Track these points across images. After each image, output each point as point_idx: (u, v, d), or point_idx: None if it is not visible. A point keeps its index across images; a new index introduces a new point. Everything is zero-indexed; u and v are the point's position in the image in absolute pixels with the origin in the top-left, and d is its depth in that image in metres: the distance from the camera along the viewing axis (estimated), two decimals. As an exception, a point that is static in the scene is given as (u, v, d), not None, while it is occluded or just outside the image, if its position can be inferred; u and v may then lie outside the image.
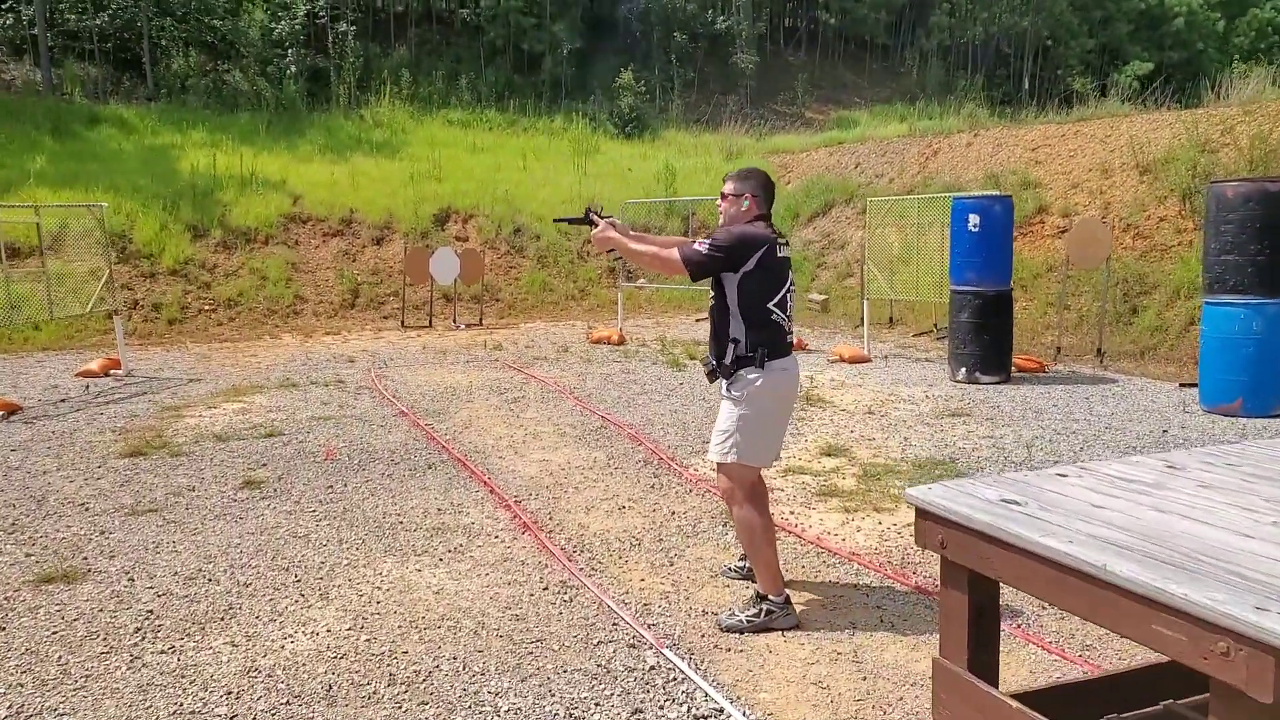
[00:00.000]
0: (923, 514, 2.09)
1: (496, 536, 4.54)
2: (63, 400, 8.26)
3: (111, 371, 9.57)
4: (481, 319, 14.21)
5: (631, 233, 3.80)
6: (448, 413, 7.63)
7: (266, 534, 4.58)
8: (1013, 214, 8.76)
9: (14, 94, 21.30)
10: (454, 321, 13.93)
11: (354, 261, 15.41)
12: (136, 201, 14.74)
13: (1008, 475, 2.27)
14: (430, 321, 13.92)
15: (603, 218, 3.75)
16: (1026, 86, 33.31)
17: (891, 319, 13.10)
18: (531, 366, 10.03)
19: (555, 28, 29.12)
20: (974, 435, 6.55)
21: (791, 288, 3.53)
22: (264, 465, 5.95)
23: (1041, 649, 3.33)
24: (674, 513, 4.91)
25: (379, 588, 3.91)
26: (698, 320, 14.57)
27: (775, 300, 3.45)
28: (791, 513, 4.85)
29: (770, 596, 3.50)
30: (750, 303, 3.42)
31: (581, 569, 4.08)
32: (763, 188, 3.57)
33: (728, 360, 3.48)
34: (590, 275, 16.93)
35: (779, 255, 3.46)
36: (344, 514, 4.93)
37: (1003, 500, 2.01)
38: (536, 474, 5.74)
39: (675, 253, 3.47)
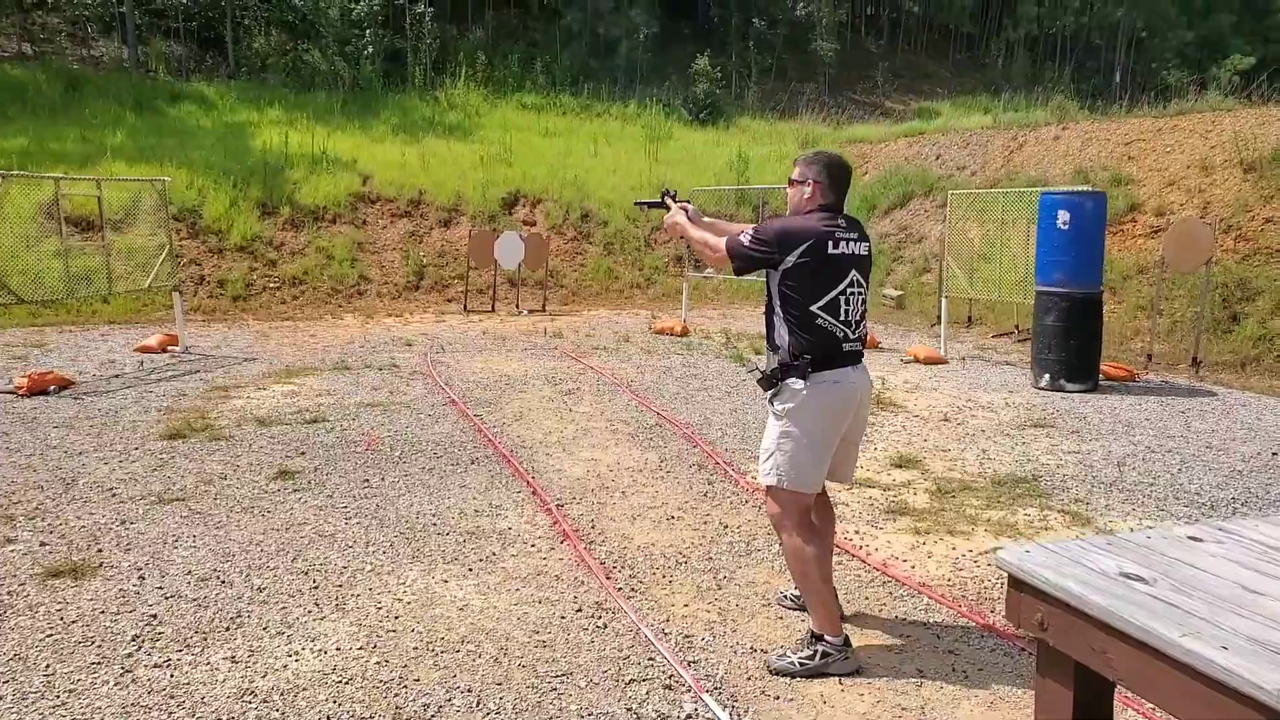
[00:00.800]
0: (1018, 584, 1.68)
1: (533, 545, 4.22)
2: (116, 376, 8.24)
3: (169, 348, 9.57)
4: (545, 305, 13.98)
5: (704, 219, 3.54)
6: (499, 403, 7.36)
7: (292, 531, 4.35)
8: (1105, 211, 8.07)
9: (101, 70, 21.83)
10: (516, 307, 13.72)
11: (420, 243, 15.31)
12: (208, 178, 14.87)
13: (1127, 537, 1.83)
14: (493, 306, 13.73)
15: (677, 203, 3.53)
16: (1118, 80, 31.69)
17: (970, 318, 12.42)
18: (590, 356, 9.72)
19: (632, 12, 28.71)
20: (1058, 450, 6.00)
21: (852, 289, 3.07)
22: (302, 454, 5.75)
23: None
24: (726, 526, 4.52)
25: (400, 599, 3.63)
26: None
27: (823, 303, 3.03)
28: (856, 532, 4.42)
29: (827, 637, 3.10)
30: (793, 304, 3.06)
31: (620, 589, 3.73)
32: (828, 173, 3.15)
33: (771, 368, 3.15)
34: (656, 264, 16.56)
35: (831, 251, 3.02)
36: (376, 511, 4.68)
37: (1124, 575, 1.59)
38: (583, 474, 5.41)
39: (723, 242, 3.18)
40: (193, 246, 13.81)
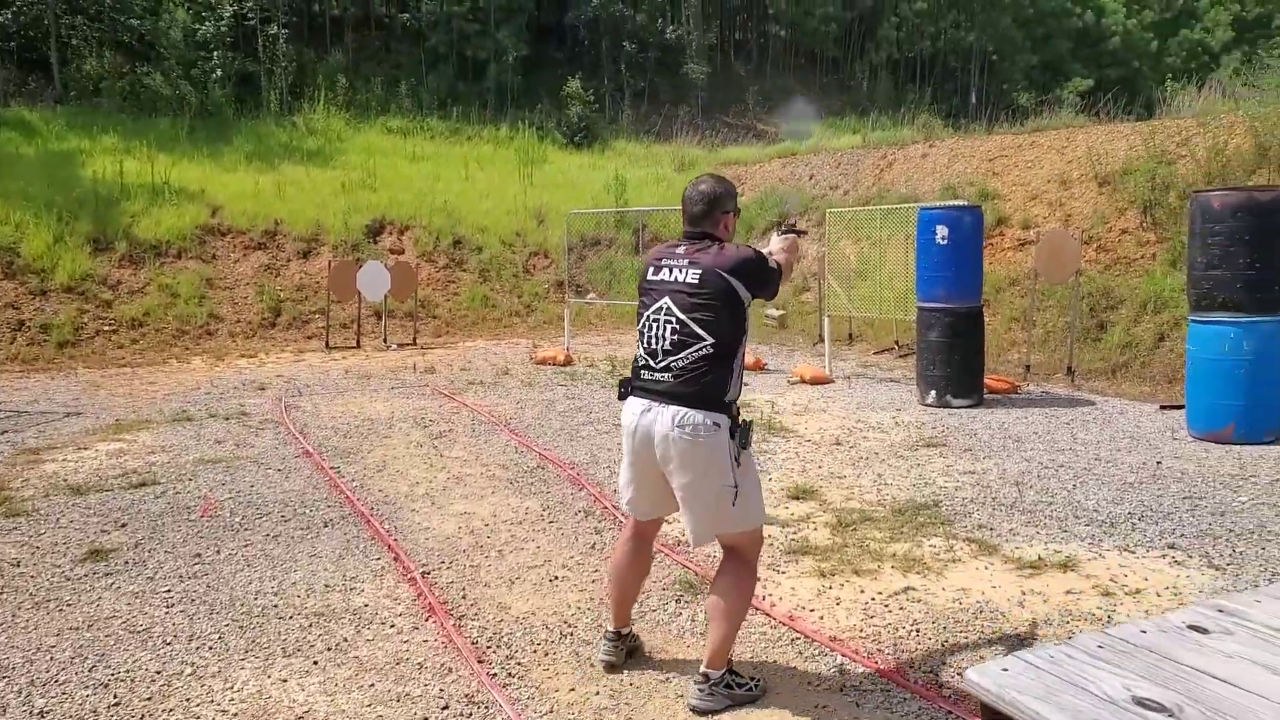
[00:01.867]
0: (995, 717, 1.26)
1: (393, 625, 3.62)
2: (-91, 440, 7.11)
3: (-21, 403, 8.41)
4: (415, 338, 13.21)
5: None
6: (360, 451, 6.67)
7: (95, 629, 3.61)
8: (982, 225, 8.09)
9: (-93, 96, 19.73)
10: (384, 341, 12.91)
11: (277, 277, 14.29)
12: (27, 211, 13.46)
13: (1121, 635, 1.45)
14: (358, 342, 12.88)
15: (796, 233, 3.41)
16: (974, 100, 33.30)
17: (851, 336, 12.42)
18: (465, 392, 9.10)
19: (500, 34, 28.18)
20: (954, 470, 5.80)
21: (659, 315, 2.99)
22: (122, 526, 4.94)
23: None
24: (615, 584, 4.03)
25: (225, 710, 2.98)
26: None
27: (639, 326, 3.10)
28: (758, 580, 4.00)
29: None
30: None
31: (495, 674, 3.19)
32: (694, 201, 3.13)
33: None
34: (536, 290, 16.04)
35: (650, 277, 3.09)
36: (206, 594, 3.97)
37: (1139, 703, 1.19)
38: (454, 532, 4.83)
39: None
40: (9, 288, 12.44)
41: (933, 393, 7.84)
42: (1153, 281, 9.63)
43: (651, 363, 2.99)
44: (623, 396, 3.13)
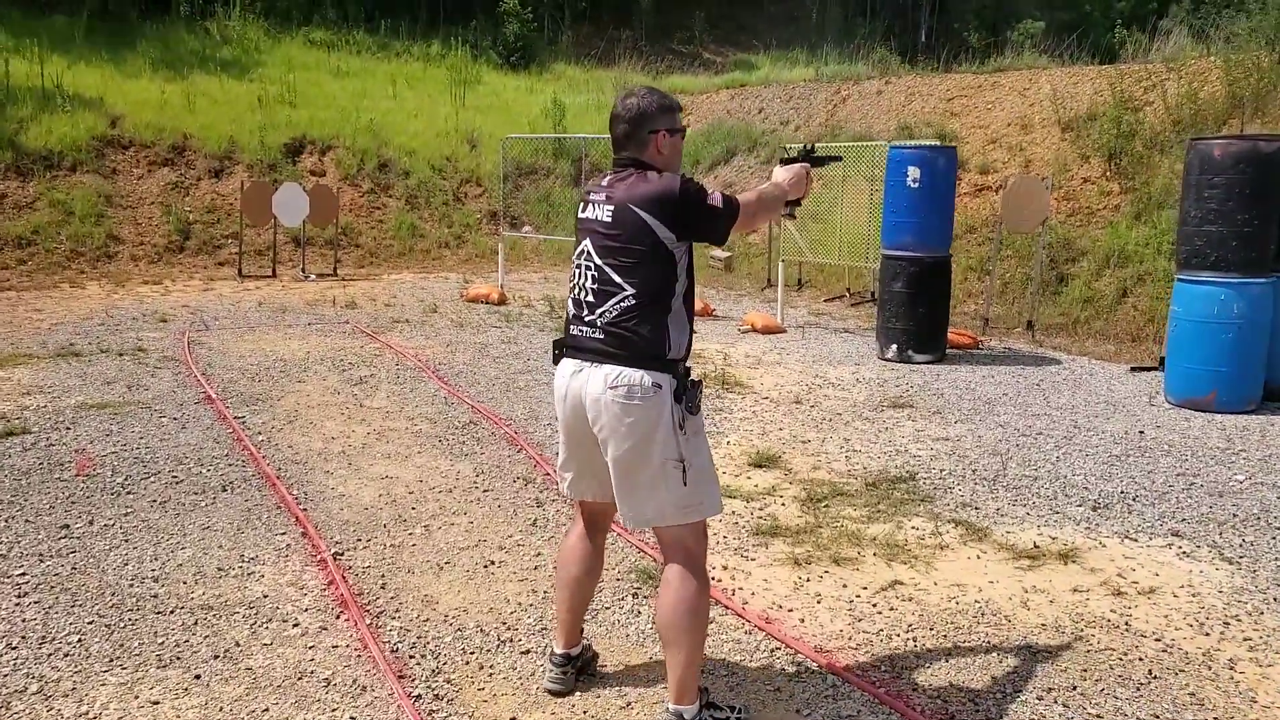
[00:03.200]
0: None
1: (296, 624, 3.03)
2: None
3: None
4: (336, 268, 12.31)
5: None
6: (270, 397, 5.96)
7: (-80, 629, 2.94)
8: (955, 169, 7.60)
9: None
10: (302, 271, 11.99)
11: (185, 197, 13.14)
12: (-102, 113, 12.02)
13: None
14: (274, 270, 11.92)
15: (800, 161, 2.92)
16: (923, 39, 32.75)
17: (800, 282, 11.95)
18: (389, 332, 8.37)
19: (433, -57, 26.43)
20: (925, 436, 5.39)
21: (583, 260, 2.48)
22: (-20, 486, 4.21)
23: None
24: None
25: (73, 748, 2.37)
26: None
27: (573, 268, 2.56)
28: (724, 567, 3.52)
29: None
30: None
31: (419, 696, 2.64)
32: (617, 121, 2.52)
33: None
34: (468, 220, 15.16)
35: (580, 214, 2.55)
36: (69, 579, 3.31)
37: None
38: (373, 501, 4.22)
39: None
40: (-121, 198, 11.12)
41: (894, 347, 7.43)
42: (1116, 234, 9.34)
43: (581, 315, 2.49)
44: (557, 360, 2.59)
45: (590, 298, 2.45)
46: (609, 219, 2.42)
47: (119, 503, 4.07)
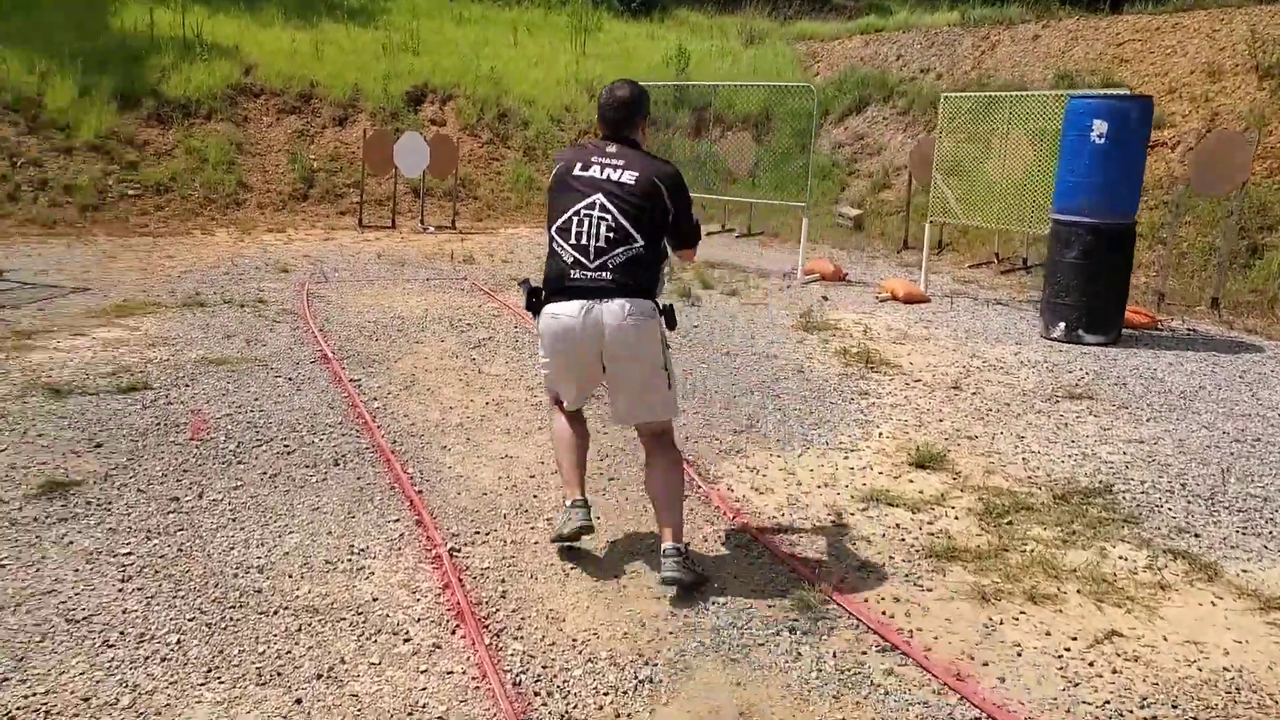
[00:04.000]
0: None
1: (408, 639, 2.69)
2: (-114, 315, 6.29)
3: (-24, 273, 7.57)
4: (454, 220, 12.11)
5: None
6: (387, 360, 5.71)
7: (24, 611, 2.72)
8: (1150, 122, 6.65)
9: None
10: (420, 223, 11.84)
11: (311, 144, 13.16)
12: (53, 60, 12.36)
13: None
14: (393, 221, 11.81)
15: None
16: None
17: (941, 244, 11.07)
18: (507, 290, 8.06)
19: (558, -115, 25.76)
20: (1114, 437, 4.68)
21: (591, 211, 2.94)
22: (97, 446, 4.06)
23: None
24: (709, 590, 3.06)
25: (160, 786, 2.08)
26: (708, 234, 12.53)
27: (557, 225, 3.03)
28: (896, 599, 2.99)
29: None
30: (548, 228, 3.09)
31: (545, 743, 2.25)
32: (598, 112, 3.21)
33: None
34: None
35: (578, 173, 3.01)
36: (175, 563, 3.07)
37: None
38: (492, 484, 3.87)
39: None
40: (32, 144, 11.47)
41: (1061, 325, 6.63)
42: (1322, 201, 8.16)
43: (585, 261, 2.94)
44: (536, 305, 3.08)
45: (601, 244, 2.92)
46: (632, 182, 2.95)
47: (229, 474, 3.85)
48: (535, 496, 3.75)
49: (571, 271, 2.94)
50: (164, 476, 3.78)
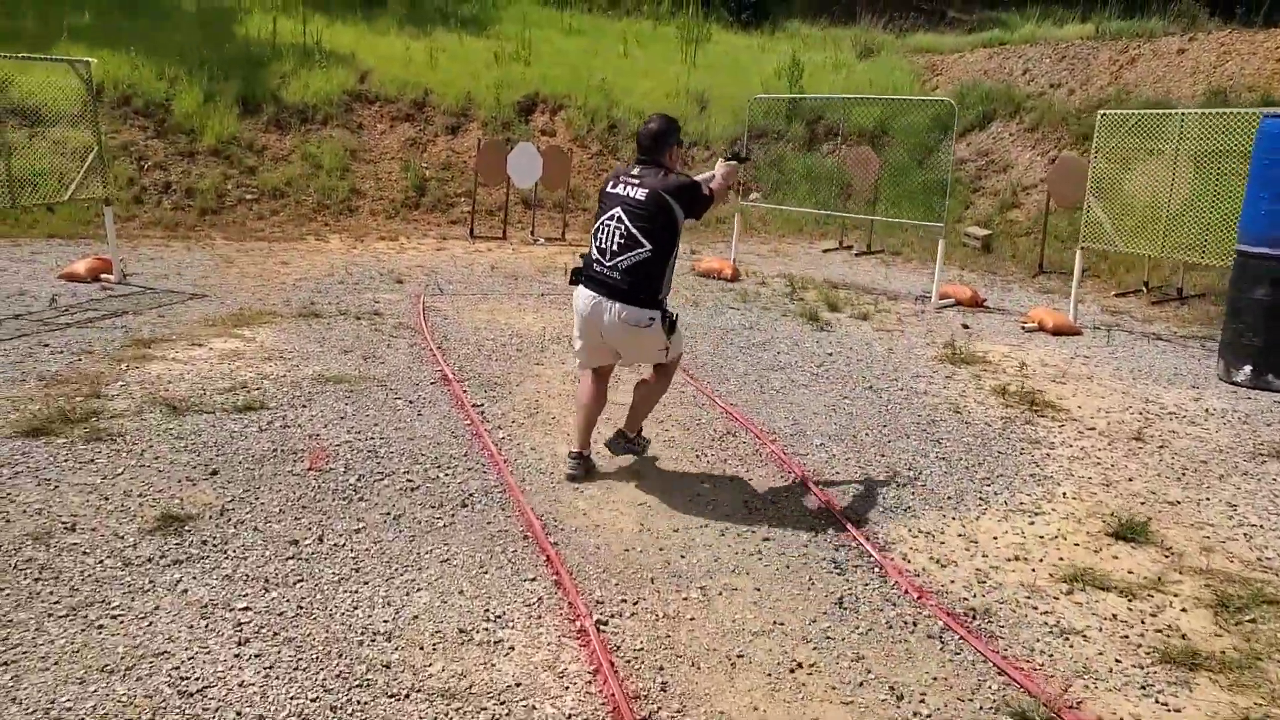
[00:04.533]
0: None
1: (558, 735, 2.30)
2: (16, 317, 6.30)
3: (101, 276, 7.61)
4: (564, 232, 11.87)
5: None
6: (509, 383, 5.40)
7: (131, 678, 2.44)
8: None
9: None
10: (531, 234, 11.63)
11: (423, 152, 13.14)
12: (181, 67, 12.66)
13: None
14: (504, 232, 11.64)
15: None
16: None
17: (1083, 270, 10.25)
18: (624, 308, 7.70)
19: (670, -105, 25.55)
20: (1337, 507, 4.01)
21: (610, 222, 3.66)
22: (214, 473, 3.83)
23: None
24: (894, 687, 2.59)
25: None
26: (825, 251, 11.98)
27: (594, 229, 3.78)
28: (1132, 713, 2.46)
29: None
30: None
31: None
32: (644, 138, 3.78)
33: None
34: (696, 186, 14.30)
35: (609, 189, 3.76)
36: (294, 623, 2.77)
37: None
38: (632, 536, 3.48)
39: None
40: (158, 148, 11.73)
41: (1246, 369, 5.90)
42: None
43: (603, 259, 3.64)
44: (574, 282, 3.77)
45: (615, 248, 3.60)
46: (642, 198, 3.59)
47: (350, 512, 3.55)
48: (683, 556, 3.34)
49: (594, 265, 3.70)
50: (281, 513, 3.51)
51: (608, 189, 3.73)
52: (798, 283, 9.21)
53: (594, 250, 3.68)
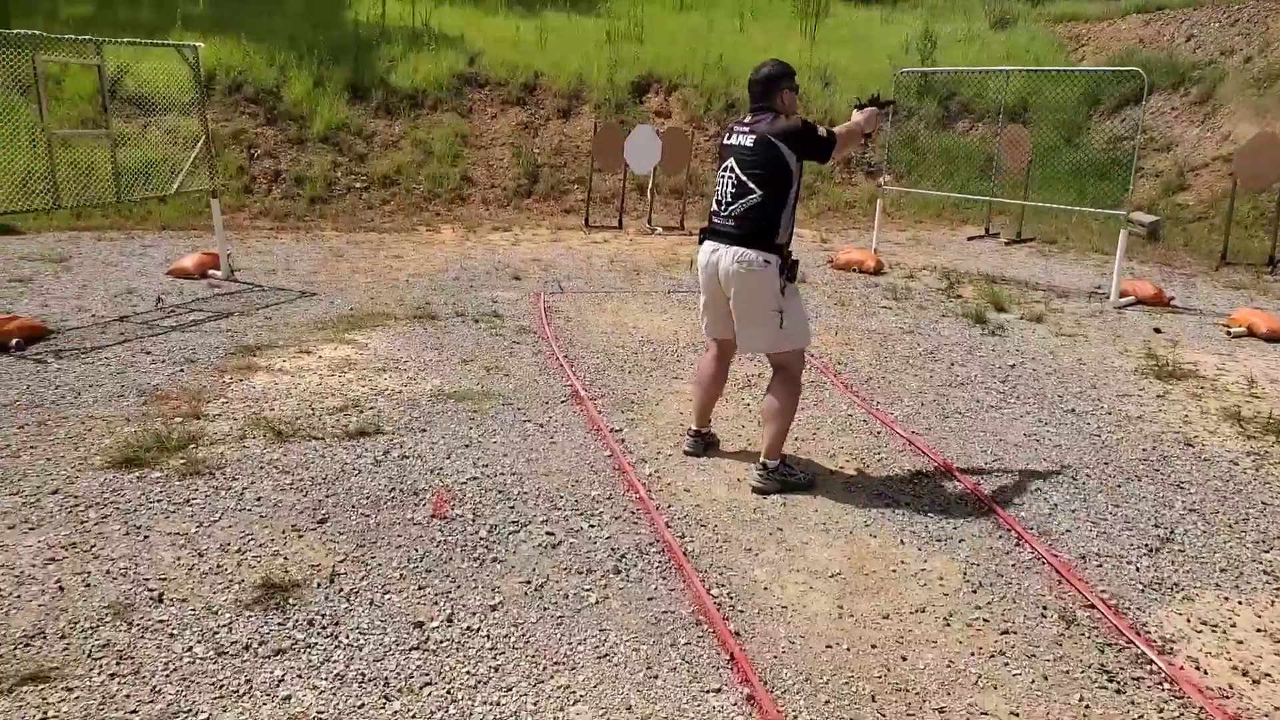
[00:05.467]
0: None
1: None
2: (123, 319, 5.96)
3: (210, 272, 7.27)
4: (683, 220, 11.13)
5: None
6: (645, 400, 4.72)
7: None
8: None
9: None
10: (648, 223, 10.93)
11: (535, 137, 12.59)
12: (291, 54, 12.42)
13: None
14: (620, 221, 10.97)
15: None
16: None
17: (1274, 260, 8.96)
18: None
19: None
20: None
21: (724, 174, 3.65)
22: (321, 520, 3.26)
23: None
24: None
25: None
26: (970, 239, 10.90)
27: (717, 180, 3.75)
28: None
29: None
30: None
31: None
32: (755, 84, 3.71)
33: None
34: (819, 168, 13.36)
35: (724, 142, 3.71)
36: (423, 752, 2.14)
37: None
38: (829, 620, 2.74)
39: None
40: (270, 135, 11.51)
41: None
42: None
43: (719, 210, 3.68)
44: (701, 241, 3.76)
45: (728, 198, 3.63)
46: (750, 145, 3.58)
47: (482, 578, 2.93)
48: (904, 659, 2.59)
49: (712, 218, 3.71)
50: (402, 578, 2.91)
51: (723, 142, 3.72)
52: (953, 276, 8.25)
53: (713, 204, 3.72)
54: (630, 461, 3.90)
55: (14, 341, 5.16)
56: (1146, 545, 3.33)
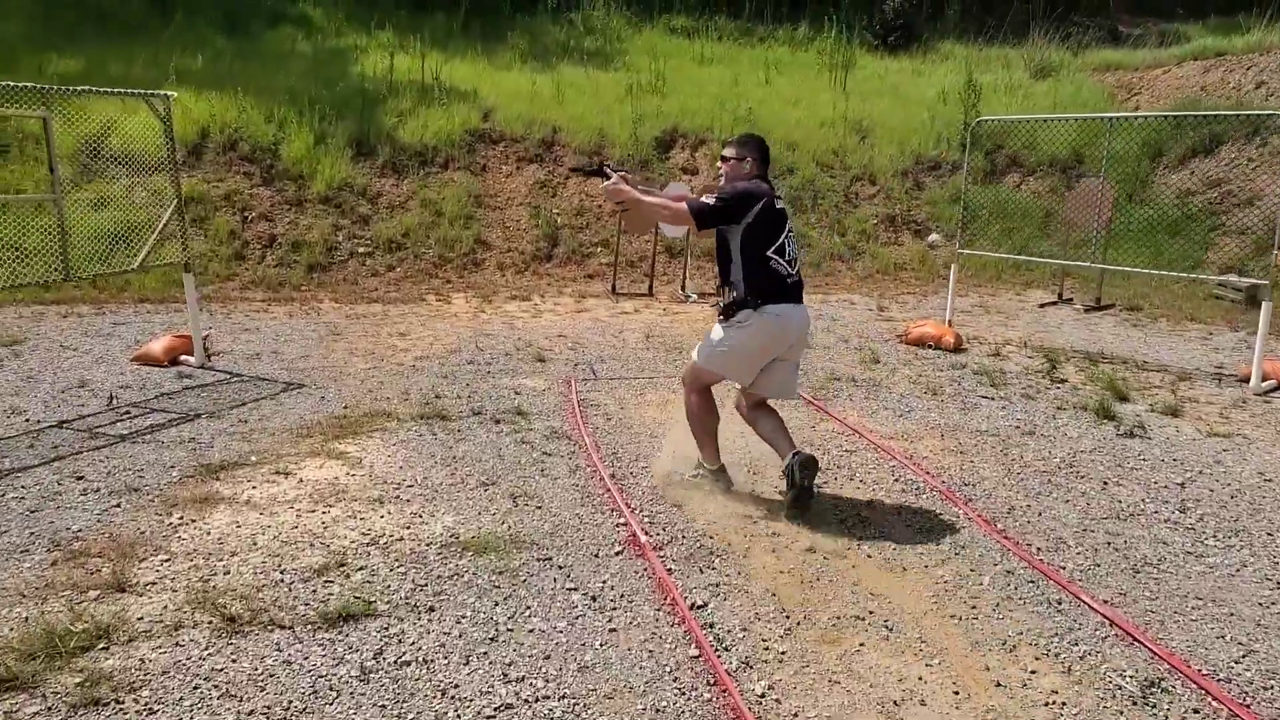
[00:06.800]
0: None
1: None
2: (62, 424, 4.82)
3: (181, 358, 6.15)
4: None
5: (639, 187, 3.98)
6: (729, 552, 3.51)
7: None
8: None
9: (194, -13, 18.85)
10: (681, 289, 9.83)
11: (553, 197, 11.57)
12: (291, 109, 11.50)
13: None
14: (650, 287, 9.87)
15: (615, 172, 3.87)
16: None
17: None
18: (829, 395, 5.77)
19: (802, -84, 23.84)
20: None
21: (789, 236, 3.83)
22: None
23: None
24: None
25: None
26: (1041, 305, 9.75)
27: (774, 247, 3.77)
28: None
29: (705, 464, 4.08)
30: (750, 251, 3.75)
31: None
32: (759, 152, 3.96)
33: (729, 302, 3.85)
34: (863, 226, 12.32)
35: (776, 208, 3.80)
36: None
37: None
38: None
39: (684, 205, 3.78)
40: (264, 196, 10.52)
41: None
42: None
43: (791, 270, 3.82)
44: (773, 303, 3.77)
45: (793, 256, 3.85)
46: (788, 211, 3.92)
47: None
48: None
49: (788, 280, 3.81)
50: None
51: (775, 206, 3.80)
52: (1052, 354, 7.07)
53: (783, 266, 3.78)
54: (729, 667, 2.68)
55: (-91, 464, 4.02)
56: None
